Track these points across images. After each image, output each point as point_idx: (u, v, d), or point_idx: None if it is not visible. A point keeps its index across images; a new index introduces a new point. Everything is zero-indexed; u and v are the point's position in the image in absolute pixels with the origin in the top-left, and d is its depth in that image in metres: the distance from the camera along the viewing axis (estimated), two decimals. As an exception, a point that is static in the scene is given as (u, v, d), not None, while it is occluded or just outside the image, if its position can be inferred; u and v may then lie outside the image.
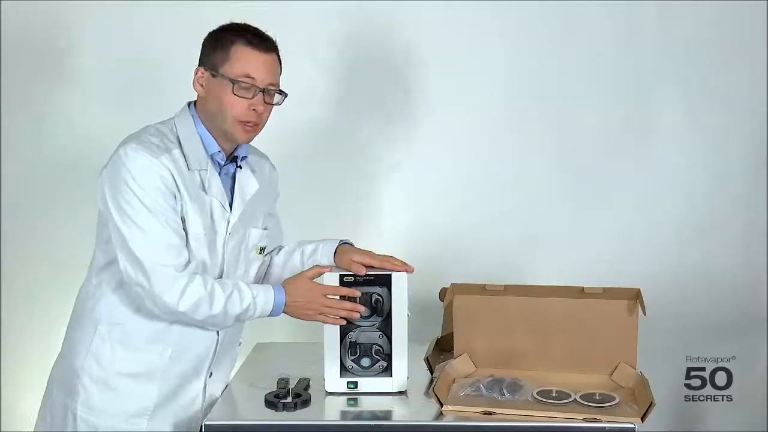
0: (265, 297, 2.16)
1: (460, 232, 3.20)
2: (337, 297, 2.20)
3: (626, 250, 3.21)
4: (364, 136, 3.22)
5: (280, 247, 2.48)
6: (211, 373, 2.26)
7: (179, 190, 2.11)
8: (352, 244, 2.37)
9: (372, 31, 3.16)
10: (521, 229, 3.22)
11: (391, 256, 2.26)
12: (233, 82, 2.11)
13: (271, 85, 2.16)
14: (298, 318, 2.21)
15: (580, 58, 3.18)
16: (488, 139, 3.21)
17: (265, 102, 2.15)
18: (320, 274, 2.22)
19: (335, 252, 2.33)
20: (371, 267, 2.24)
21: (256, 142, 2.41)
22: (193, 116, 2.20)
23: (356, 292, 2.21)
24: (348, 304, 2.20)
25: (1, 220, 3.20)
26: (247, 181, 2.27)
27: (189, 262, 2.11)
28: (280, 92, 2.19)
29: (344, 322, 2.21)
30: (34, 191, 3.20)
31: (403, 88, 3.18)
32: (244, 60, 2.12)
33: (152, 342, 2.17)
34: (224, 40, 2.15)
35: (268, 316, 2.19)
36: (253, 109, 2.13)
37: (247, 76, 2.12)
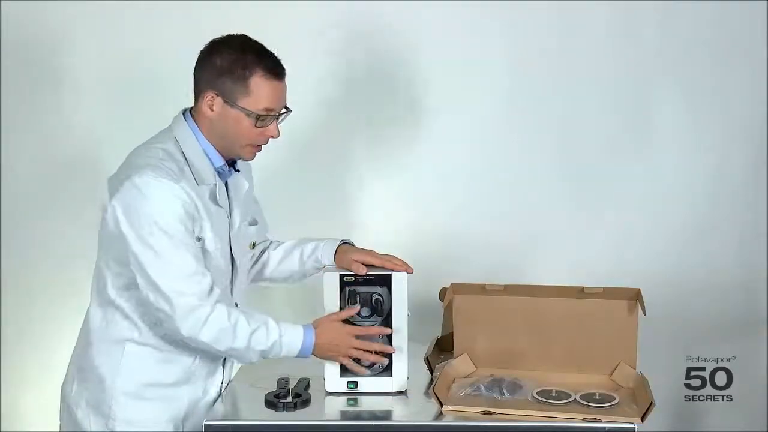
0: (293, 336, 2.14)
1: (460, 232, 3.20)
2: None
3: (626, 250, 3.21)
4: (364, 136, 3.22)
5: (278, 242, 2.48)
6: (224, 362, 2.28)
7: (196, 212, 2.10)
8: (352, 244, 2.37)
9: (372, 31, 3.15)
10: (521, 229, 3.21)
11: (392, 256, 2.27)
12: (257, 117, 2.11)
13: (284, 108, 2.18)
14: (324, 359, 2.20)
15: (580, 58, 3.18)
16: (488, 139, 3.21)
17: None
18: (352, 314, 2.20)
19: (336, 251, 2.33)
20: (372, 266, 2.24)
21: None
22: (192, 129, 2.17)
23: (387, 330, 2.20)
24: (377, 346, 2.19)
25: (1, 220, 3.20)
26: (239, 182, 2.28)
27: (213, 288, 2.08)
28: (287, 109, 2.20)
29: (368, 372, 2.21)
30: (34, 191, 3.19)
31: (403, 88, 3.18)
32: (265, 94, 2.11)
33: (181, 352, 2.17)
34: (239, 69, 2.10)
35: (296, 356, 2.17)
36: (270, 136, 2.16)
37: (268, 109, 2.12)
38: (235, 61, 2.10)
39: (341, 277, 2.23)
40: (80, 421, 2.20)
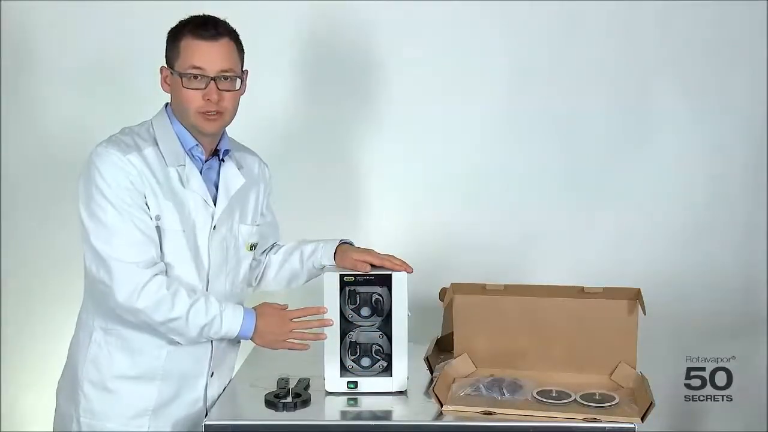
0: (234, 314, 2.15)
1: (460, 231, 3.20)
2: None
3: (626, 250, 3.21)
4: (364, 135, 3.21)
5: (278, 246, 2.47)
6: (212, 373, 2.26)
7: (150, 188, 2.11)
8: (351, 243, 2.37)
9: (371, 31, 3.15)
10: (521, 229, 3.21)
11: (391, 255, 2.27)
12: (182, 76, 2.12)
13: (223, 71, 2.13)
14: (266, 347, 2.21)
15: (580, 58, 3.18)
16: (488, 139, 3.21)
17: (219, 89, 2.12)
18: (284, 309, 2.22)
19: (335, 251, 2.33)
20: (371, 266, 2.25)
21: (248, 142, 2.42)
22: (169, 115, 2.21)
23: (323, 308, 2.21)
24: (315, 323, 2.20)
25: (1, 220, 3.20)
26: (232, 175, 2.27)
27: (156, 262, 2.10)
28: (237, 77, 2.16)
29: (309, 347, 2.21)
30: (33, 191, 3.19)
31: (403, 87, 3.17)
32: (190, 52, 2.12)
33: (147, 344, 2.17)
34: (175, 35, 2.16)
35: (236, 336, 2.19)
36: (208, 99, 2.12)
37: (194, 67, 2.12)
38: (172, 30, 2.17)
39: (341, 277, 2.23)
40: (62, 409, 2.25)
